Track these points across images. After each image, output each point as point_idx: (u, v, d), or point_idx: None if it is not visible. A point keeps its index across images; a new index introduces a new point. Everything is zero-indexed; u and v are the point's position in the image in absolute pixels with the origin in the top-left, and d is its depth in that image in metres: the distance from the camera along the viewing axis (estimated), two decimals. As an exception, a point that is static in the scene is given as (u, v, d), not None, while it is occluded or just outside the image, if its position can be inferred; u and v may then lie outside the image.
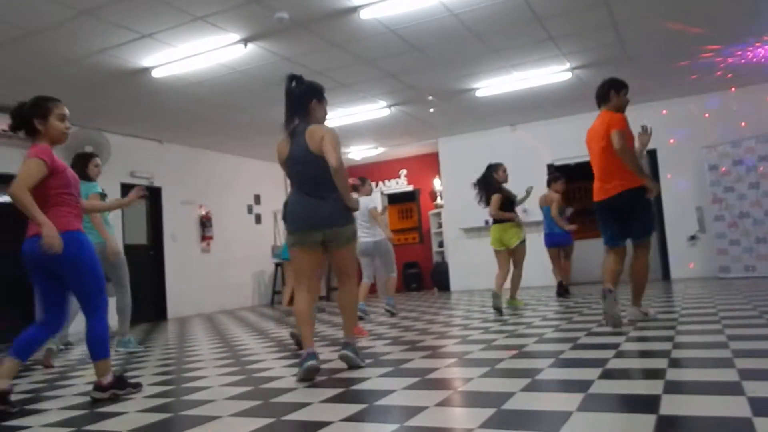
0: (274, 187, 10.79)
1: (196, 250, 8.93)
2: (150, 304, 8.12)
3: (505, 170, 5.63)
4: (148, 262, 8.24)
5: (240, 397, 2.41)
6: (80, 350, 4.92)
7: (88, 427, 2.13)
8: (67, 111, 2.75)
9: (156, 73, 5.70)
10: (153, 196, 8.42)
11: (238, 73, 5.94)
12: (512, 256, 5.45)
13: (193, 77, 5.95)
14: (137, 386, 2.76)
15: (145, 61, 5.47)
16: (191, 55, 5.36)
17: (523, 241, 5.44)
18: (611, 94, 3.79)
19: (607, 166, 3.64)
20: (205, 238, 9.01)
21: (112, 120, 7.29)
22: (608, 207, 3.69)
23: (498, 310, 4.99)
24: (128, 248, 7.89)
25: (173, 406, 2.37)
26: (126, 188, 7.94)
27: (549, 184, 6.63)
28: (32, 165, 2.52)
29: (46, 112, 2.67)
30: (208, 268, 8.91)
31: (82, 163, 4.58)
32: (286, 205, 2.96)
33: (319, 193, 2.82)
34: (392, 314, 5.69)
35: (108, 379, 2.64)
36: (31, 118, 2.66)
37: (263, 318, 6.95)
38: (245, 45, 5.22)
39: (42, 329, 2.64)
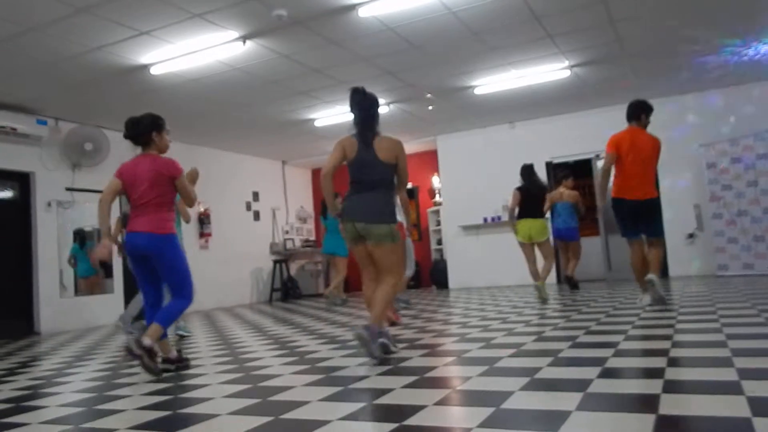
0: (273, 185, 10.77)
1: (194, 247, 8.92)
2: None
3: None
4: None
5: (238, 395, 2.41)
6: (81, 344, 4.92)
7: (86, 425, 2.13)
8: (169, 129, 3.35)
9: (154, 70, 5.68)
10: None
11: (236, 70, 5.92)
12: (540, 249, 5.94)
13: (191, 74, 5.94)
14: (187, 361, 3.28)
15: (144, 58, 5.45)
16: (190, 52, 5.35)
17: (549, 238, 6.00)
18: (642, 115, 4.53)
19: (647, 175, 4.40)
20: (203, 235, 9.00)
21: (111, 117, 7.26)
22: (636, 207, 4.37)
23: (544, 300, 5.59)
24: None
25: (171, 404, 2.37)
26: (124, 185, 7.94)
27: (560, 181, 7.09)
28: (185, 180, 3.20)
29: (161, 127, 3.28)
30: (206, 265, 8.88)
31: None
32: (344, 199, 3.24)
33: (369, 193, 3.11)
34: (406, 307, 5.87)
35: (148, 342, 2.95)
36: (150, 131, 3.22)
37: (262, 315, 6.94)
38: (244, 42, 5.21)
39: (174, 301, 3.13)
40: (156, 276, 3.17)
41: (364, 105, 3.21)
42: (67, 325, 6.94)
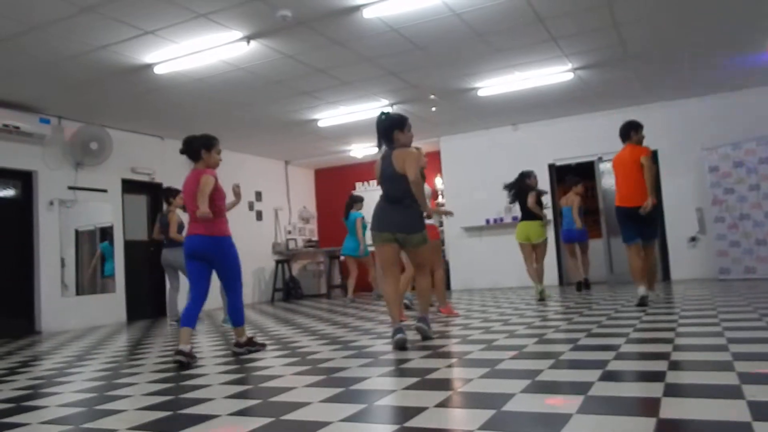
0: (276, 185, 10.79)
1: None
2: (149, 301, 8.12)
3: (535, 177, 6.49)
4: (147, 258, 8.24)
5: (239, 396, 2.41)
6: (82, 344, 4.93)
7: (86, 425, 2.13)
8: (221, 148, 3.75)
9: (158, 70, 5.70)
10: (154, 192, 8.42)
11: (240, 70, 5.94)
12: (535, 251, 6.28)
13: (195, 74, 5.95)
14: (264, 345, 3.77)
15: (148, 58, 5.46)
16: (194, 52, 5.36)
17: (545, 240, 6.29)
18: (632, 133, 5.02)
19: (634, 185, 4.83)
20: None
21: (114, 116, 7.29)
22: (628, 213, 4.87)
23: (542, 299, 6.00)
24: (128, 245, 7.90)
25: (172, 404, 2.37)
26: (127, 184, 7.96)
27: (570, 187, 7.49)
28: (209, 179, 3.47)
29: (211, 146, 3.65)
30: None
31: None
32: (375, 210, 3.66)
33: (398, 204, 3.53)
34: (408, 308, 5.87)
35: (243, 339, 3.63)
36: (200, 148, 3.62)
37: (263, 315, 6.96)
38: (248, 42, 5.22)
39: (230, 297, 3.63)
40: (206, 274, 3.57)
41: (382, 126, 3.66)
42: (68, 325, 6.95)
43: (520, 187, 6.35)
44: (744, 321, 3.53)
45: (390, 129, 3.64)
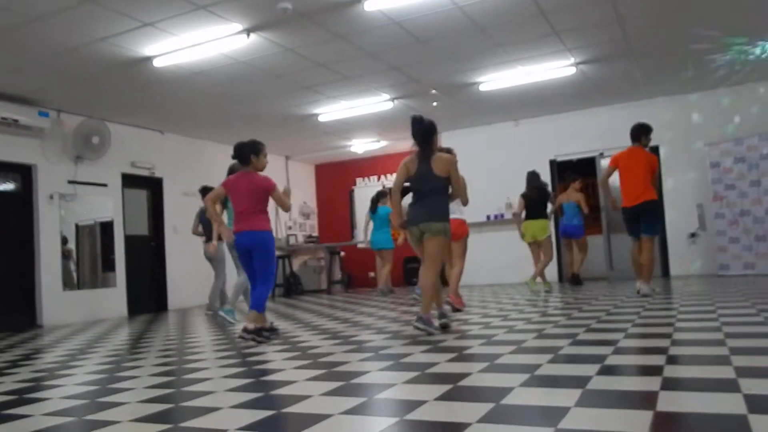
0: (276, 179, 10.72)
1: (197, 242, 8.92)
2: (151, 295, 8.15)
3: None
4: (149, 253, 8.26)
5: (240, 389, 2.43)
6: (84, 338, 4.96)
7: (89, 417, 2.15)
8: (267, 152, 4.11)
9: (158, 63, 5.69)
10: (154, 187, 8.43)
11: (240, 63, 5.93)
12: (540, 246, 6.63)
13: (195, 67, 5.95)
14: (276, 331, 4.05)
15: (147, 50, 5.46)
16: (193, 44, 5.35)
17: (549, 236, 6.65)
18: (642, 137, 5.35)
19: (641, 184, 5.22)
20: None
21: (113, 109, 7.28)
22: (632, 211, 5.24)
23: (537, 292, 6.44)
24: (129, 239, 7.92)
25: (173, 397, 2.39)
26: (127, 178, 7.96)
27: (568, 183, 7.67)
28: (281, 192, 4.05)
29: (259, 151, 4.00)
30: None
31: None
32: (408, 208, 3.93)
33: (426, 199, 3.78)
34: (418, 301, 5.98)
35: (251, 327, 3.79)
36: (249, 153, 3.97)
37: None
38: (248, 35, 5.21)
39: (261, 287, 3.92)
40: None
41: (422, 131, 3.88)
42: (69, 318, 6.97)
43: (533, 190, 6.67)
44: (742, 316, 3.54)
45: (430, 133, 3.89)
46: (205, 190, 6.65)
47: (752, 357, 2.36)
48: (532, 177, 6.75)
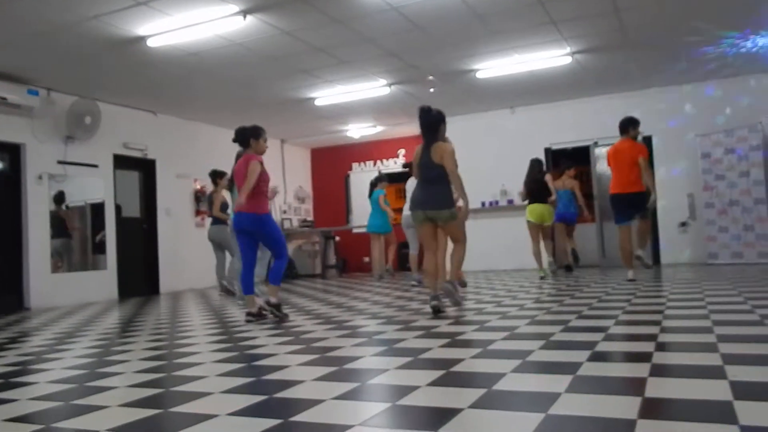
0: (271, 163, 10.67)
1: (190, 225, 8.92)
2: (142, 278, 8.13)
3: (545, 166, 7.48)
4: (140, 235, 8.22)
5: (232, 374, 2.43)
6: (73, 321, 4.95)
7: (76, 402, 2.12)
8: (267, 137, 4.30)
9: (151, 43, 5.61)
10: (146, 168, 8.37)
11: (236, 45, 5.86)
12: (545, 230, 6.88)
13: (189, 48, 5.86)
14: (287, 316, 4.17)
15: (141, 30, 5.37)
16: (188, 25, 5.27)
17: (552, 222, 6.97)
18: (630, 128, 5.61)
19: (630, 175, 5.50)
20: (199, 212, 8.98)
21: (105, 89, 7.18)
22: (626, 198, 5.51)
23: (554, 272, 7.00)
24: (120, 221, 7.87)
25: (163, 382, 2.38)
26: (118, 159, 7.88)
27: (563, 171, 7.79)
28: (255, 166, 4.02)
29: (258, 135, 4.19)
30: (202, 243, 8.86)
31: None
32: (412, 192, 4.22)
33: (429, 186, 4.04)
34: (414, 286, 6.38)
35: (274, 299, 4.11)
36: (249, 137, 4.17)
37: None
38: (244, 17, 5.14)
39: (277, 262, 4.17)
40: (253, 246, 4.17)
41: (427, 121, 4.11)
42: (58, 301, 6.89)
43: (532, 179, 6.86)
44: (729, 304, 3.59)
45: (437, 123, 4.10)
46: (215, 174, 6.80)
47: (738, 344, 2.40)
48: (532, 167, 6.93)
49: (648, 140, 8.20)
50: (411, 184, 6.63)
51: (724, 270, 6.51)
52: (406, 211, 6.33)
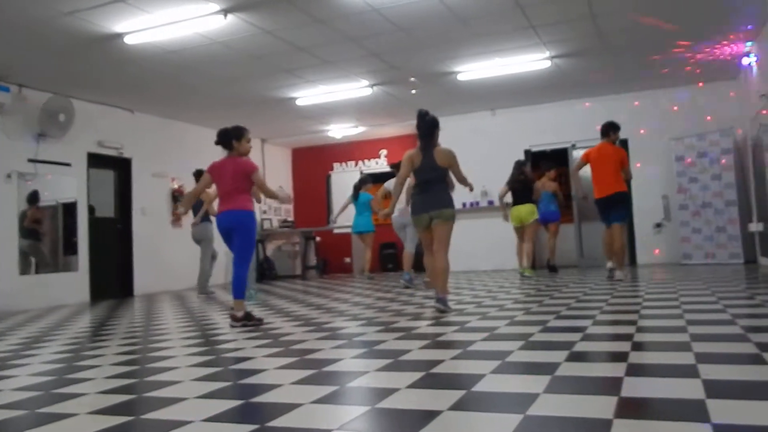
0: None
1: (166, 225, 8.78)
2: (116, 280, 7.96)
3: (529, 166, 7.64)
4: (114, 236, 8.05)
5: (207, 378, 2.37)
6: (41, 324, 4.82)
7: (43, 410, 2.03)
8: (250, 137, 4.24)
9: (129, 40, 5.51)
10: (122, 167, 8.21)
11: (217, 44, 5.79)
12: (526, 230, 7.01)
13: (168, 46, 5.77)
14: (261, 321, 3.96)
15: (118, 27, 5.27)
16: (167, 23, 5.19)
17: (536, 220, 7.06)
18: (611, 132, 5.80)
19: (611, 176, 5.68)
20: (176, 212, 8.83)
21: (80, 86, 7.03)
22: (604, 201, 5.73)
23: (524, 275, 6.85)
24: (94, 222, 7.70)
25: (136, 387, 2.31)
26: (93, 158, 7.71)
27: (543, 172, 7.91)
28: (259, 173, 4.10)
29: (241, 136, 4.13)
30: (178, 244, 8.74)
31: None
32: (411, 197, 4.33)
33: (432, 188, 4.13)
34: (407, 287, 6.32)
35: (240, 314, 3.86)
36: (232, 138, 4.10)
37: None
38: (225, 15, 5.08)
39: (237, 271, 3.97)
40: None
41: (426, 125, 4.19)
42: (26, 304, 6.64)
43: (515, 179, 7.07)
44: (702, 304, 3.67)
45: (434, 127, 4.19)
46: (198, 174, 6.67)
47: (711, 343, 2.45)
48: (517, 167, 7.14)
49: (624, 143, 8.34)
50: (390, 184, 6.64)
51: (697, 270, 6.65)
52: (397, 212, 6.31)
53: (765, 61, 6.02)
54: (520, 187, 7.01)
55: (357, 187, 8.15)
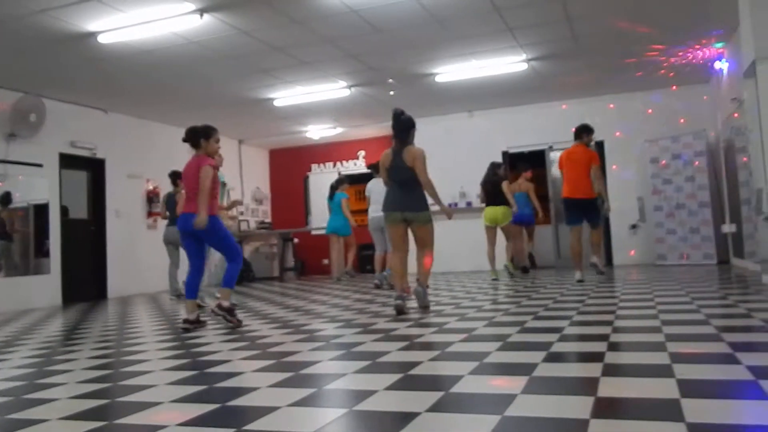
0: (228, 164, 10.45)
1: (141, 227, 8.62)
2: (89, 283, 7.78)
3: (505, 167, 7.57)
4: (88, 238, 7.88)
5: (183, 382, 2.34)
6: (11, 328, 4.68)
7: (13, 416, 1.98)
8: (219, 137, 4.13)
9: (103, 39, 5.40)
10: (95, 168, 8.03)
11: (193, 44, 5.70)
12: (503, 231, 7.05)
13: (143, 45, 5.67)
14: (241, 323, 3.93)
15: (91, 26, 5.16)
16: (142, 22, 5.10)
17: (510, 221, 7.04)
18: (584, 135, 5.85)
19: (582, 180, 5.74)
20: (151, 214, 8.69)
21: (52, 86, 6.86)
22: (577, 203, 5.77)
23: (511, 275, 7.02)
24: (66, 223, 7.52)
25: (109, 392, 2.27)
26: (65, 159, 7.53)
27: (519, 173, 7.91)
28: (207, 171, 3.85)
29: (209, 135, 4.02)
30: (154, 246, 8.55)
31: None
32: (386, 192, 4.28)
33: (405, 187, 4.12)
34: (378, 287, 6.36)
35: (226, 304, 3.86)
36: (199, 138, 4.00)
37: (212, 298, 6.80)
38: (201, 15, 5.01)
39: (230, 265, 3.97)
40: (198, 251, 4.04)
41: (399, 124, 4.19)
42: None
43: (488, 179, 7.03)
44: (677, 304, 3.73)
45: (408, 127, 4.20)
46: (174, 175, 6.59)
47: (686, 343, 2.49)
48: (491, 168, 7.11)
49: (600, 145, 8.49)
50: (373, 185, 6.62)
51: (672, 271, 6.79)
52: (373, 213, 6.34)
53: (736, 65, 6.16)
54: (492, 188, 7.00)
55: (333, 187, 8.10)
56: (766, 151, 4.57)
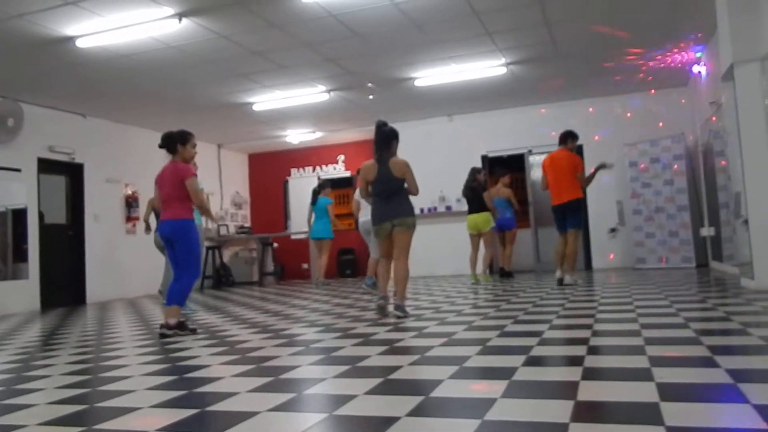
0: (207, 168, 10.37)
1: (120, 232, 8.48)
2: (67, 288, 7.63)
3: (485, 173, 7.57)
4: (66, 243, 7.73)
5: (162, 387, 2.31)
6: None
7: None
8: (196, 142, 4.08)
9: (81, 43, 5.32)
10: (74, 173, 7.89)
11: (171, 48, 5.64)
12: (483, 238, 6.99)
13: (122, 50, 5.60)
14: (195, 330, 3.85)
15: (69, 30, 5.08)
16: (121, 26, 5.04)
17: (492, 228, 7.02)
18: (569, 140, 5.84)
19: (564, 183, 5.75)
20: (130, 219, 8.56)
21: (30, 90, 6.74)
22: (559, 208, 5.81)
23: (478, 282, 6.86)
24: (44, 228, 7.37)
25: (88, 397, 2.24)
26: (43, 163, 7.39)
27: (498, 179, 7.94)
28: (194, 181, 3.85)
29: (186, 141, 3.97)
30: (132, 251, 8.46)
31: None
32: (372, 206, 4.30)
33: (393, 198, 4.15)
34: (368, 292, 6.34)
35: (173, 322, 3.72)
36: (176, 143, 3.93)
37: (192, 303, 6.70)
38: (179, 20, 4.97)
39: (182, 279, 3.82)
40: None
41: (382, 136, 4.18)
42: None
43: (471, 184, 7.05)
44: (656, 308, 3.78)
45: (390, 138, 4.19)
46: None
47: (664, 347, 2.52)
48: (471, 174, 7.13)
49: (579, 149, 8.55)
50: (359, 195, 6.60)
51: (651, 274, 6.88)
52: (364, 217, 6.32)
53: (714, 69, 6.25)
54: (471, 194, 6.98)
55: (316, 192, 8.05)
56: (744, 155, 4.62)
